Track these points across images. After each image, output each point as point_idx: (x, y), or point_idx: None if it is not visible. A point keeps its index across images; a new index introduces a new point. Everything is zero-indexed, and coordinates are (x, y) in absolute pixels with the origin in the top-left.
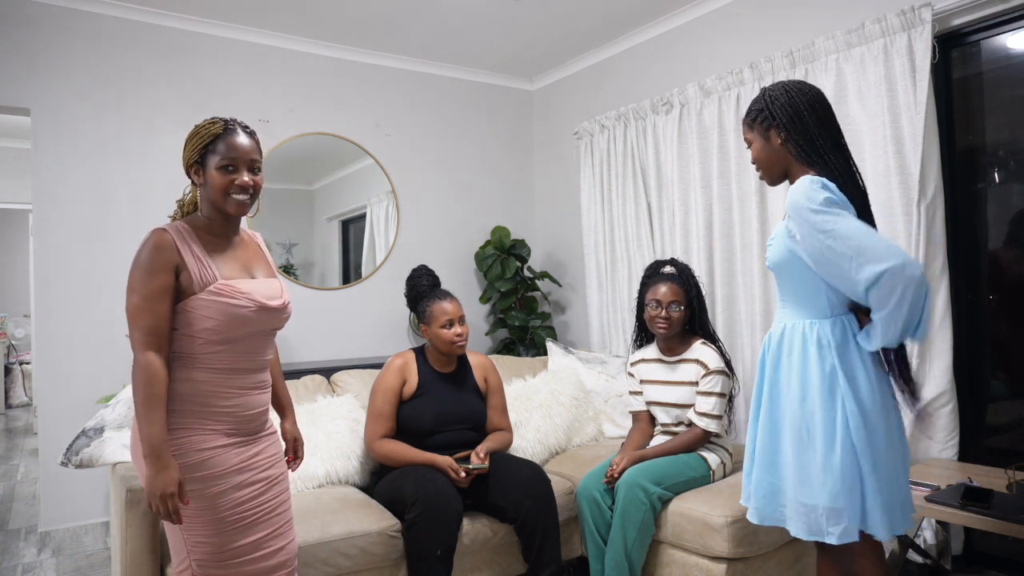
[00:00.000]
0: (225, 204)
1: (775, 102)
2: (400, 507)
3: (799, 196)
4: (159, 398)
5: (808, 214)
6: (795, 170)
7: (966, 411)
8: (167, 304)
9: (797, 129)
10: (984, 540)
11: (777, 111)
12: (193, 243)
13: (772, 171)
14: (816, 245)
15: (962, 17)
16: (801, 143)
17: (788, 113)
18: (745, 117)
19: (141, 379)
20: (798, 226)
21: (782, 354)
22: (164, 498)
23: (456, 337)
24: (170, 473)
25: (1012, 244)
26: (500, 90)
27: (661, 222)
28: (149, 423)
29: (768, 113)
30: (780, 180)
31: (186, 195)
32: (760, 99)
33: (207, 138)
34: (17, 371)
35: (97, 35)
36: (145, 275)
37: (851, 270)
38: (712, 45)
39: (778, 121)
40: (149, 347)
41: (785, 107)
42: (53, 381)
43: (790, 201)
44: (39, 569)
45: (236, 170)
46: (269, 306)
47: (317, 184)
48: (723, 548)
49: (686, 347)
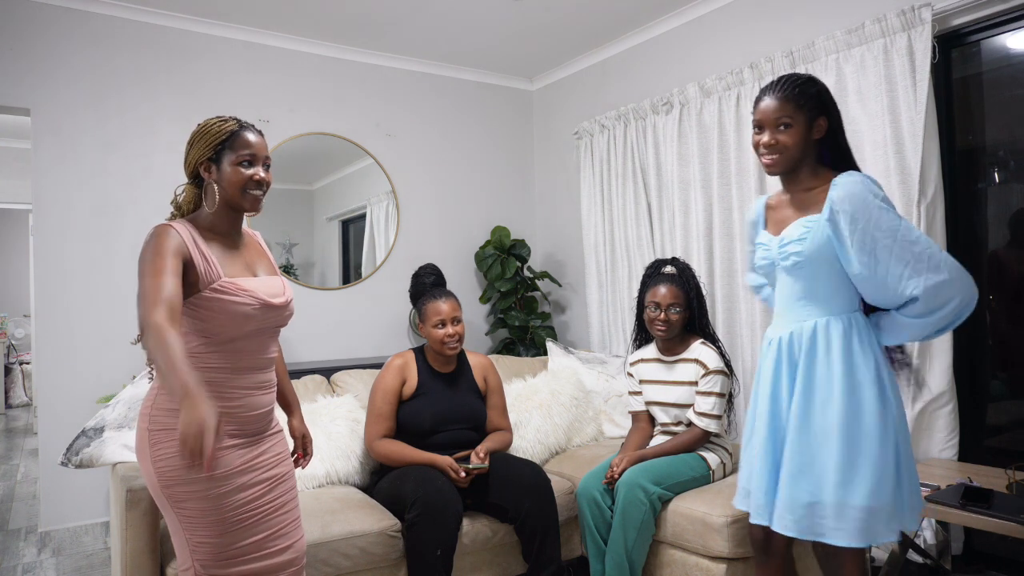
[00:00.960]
0: (242, 200)
1: (825, 92)
2: (400, 507)
3: (862, 189)
4: (176, 350)
5: (875, 210)
6: (807, 167)
7: (966, 411)
8: (177, 282)
9: (841, 126)
10: (984, 540)
11: (829, 101)
12: (198, 240)
13: (793, 161)
14: (872, 240)
15: (962, 17)
16: (840, 140)
17: (835, 106)
18: (789, 93)
19: (153, 339)
20: (854, 219)
21: (818, 352)
22: (202, 432)
23: (447, 337)
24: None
25: (1012, 244)
26: (500, 90)
27: (661, 222)
28: (176, 375)
29: (822, 100)
30: (790, 171)
31: (179, 195)
32: (811, 82)
33: (222, 135)
34: (17, 371)
35: (97, 35)
36: (155, 256)
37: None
38: (712, 45)
39: (831, 112)
40: (159, 314)
41: (832, 100)
42: (53, 381)
43: (847, 193)
44: (39, 569)
45: (253, 166)
46: (272, 303)
47: (317, 184)
48: (723, 548)
49: (685, 347)
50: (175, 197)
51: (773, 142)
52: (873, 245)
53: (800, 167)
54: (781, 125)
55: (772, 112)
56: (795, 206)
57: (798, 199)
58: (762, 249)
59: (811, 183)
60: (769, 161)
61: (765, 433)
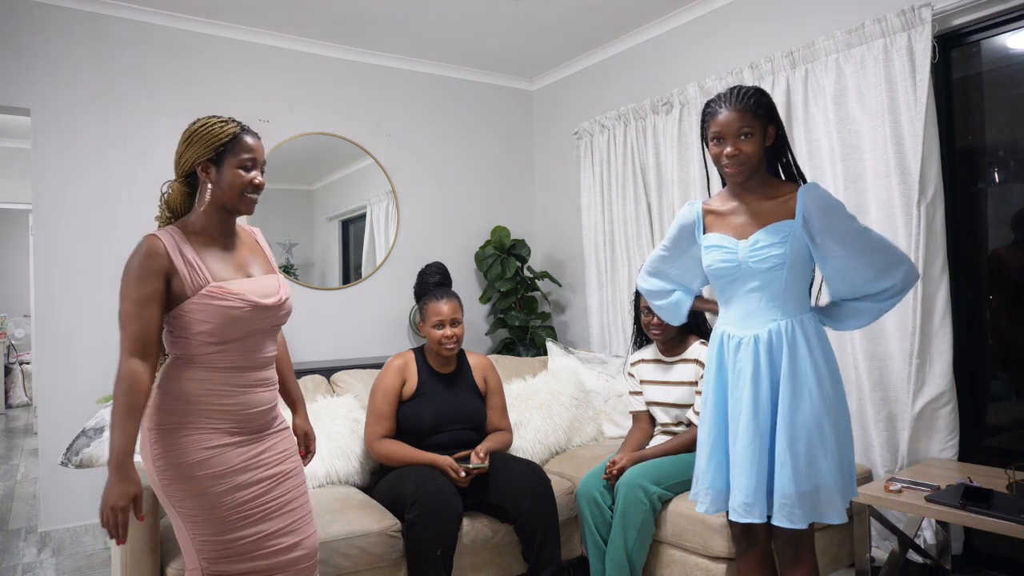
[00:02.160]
0: (239, 203)
1: (772, 103)
2: (400, 507)
3: (828, 196)
4: (136, 409)
5: (843, 209)
6: (759, 174)
7: (966, 411)
8: (156, 311)
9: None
10: (984, 540)
11: (775, 111)
12: (185, 248)
13: (753, 168)
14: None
15: (962, 17)
16: (787, 147)
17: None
18: (746, 104)
19: (122, 387)
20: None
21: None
22: (115, 511)
23: (444, 339)
24: (127, 487)
25: (1012, 244)
26: (500, 90)
27: (661, 222)
28: (121, 433)
29: (771, 110)
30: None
31: (166, 194)
32: (761, 93)
33: (224, 137)
34: (17, 371)
35: (97, 35)
36: (135, 281)
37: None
38: (712, 45)
39: (778, 121)
40: (134, 354)
41: (776, 110)
42: (53, 381)
43: (819, 196)
44: (39, 569)
45: (253, 169)
46: (263, 304)
47: (317, 184)
48: (723, 548)
49: (685, 347)
50: (163, 195)
51: (736, 152)
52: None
53: (755, 174)
54: (742, 135)
55: (734, 123)
56: (753, 212)
57: (757, 206)
58: (723, 252)
59: (768, 191)
60: (734, 170)
61: (751, 433)
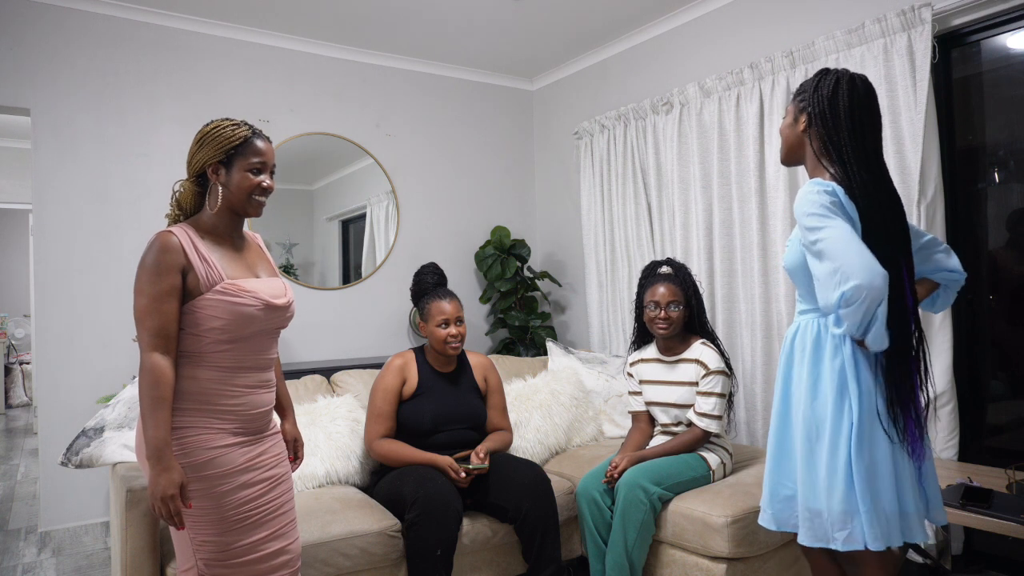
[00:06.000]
0: (247, 205)
1: (820, 90)
2: (400, 507)
3: (799, 201)
4: (165, 400)
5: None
6: (810, 161)
7: (966, 411)
8: (174, 305)
9: (827, 125)
10: (984, 540)
11: (817, 99)
12: (199, 244)
13: (788, 151)
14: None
15: (962, 17)
16: (824, 139)
17: (823, 106)
18: (798, 88)
19: (147, 381)
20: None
21: (795, 352)
22: (165, 500)
23: (450, 337)
24: (172, 475)
25: (1011, 244)
26: (500, 90)
27: (661, 222)
28: (154, 425)
29: (809, 96)
30: (793, 163)
31: (177, 192)
32: (813, 80)
33: (235, 140)
34: (17, 371)
35: (97, 35)
36: (152, 276)
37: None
38: (712, 45)
39: (812, 109)
40: (156, 348)
41: (825, 99)
42: (53, 381)
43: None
44: (39, 569)
45: (262, 173)
46: (275, 304)
47: (317, 184)
48: (723, 548)
49: (685, 347)
50: (174, 194)
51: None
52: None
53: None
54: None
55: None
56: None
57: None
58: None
59: None
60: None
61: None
